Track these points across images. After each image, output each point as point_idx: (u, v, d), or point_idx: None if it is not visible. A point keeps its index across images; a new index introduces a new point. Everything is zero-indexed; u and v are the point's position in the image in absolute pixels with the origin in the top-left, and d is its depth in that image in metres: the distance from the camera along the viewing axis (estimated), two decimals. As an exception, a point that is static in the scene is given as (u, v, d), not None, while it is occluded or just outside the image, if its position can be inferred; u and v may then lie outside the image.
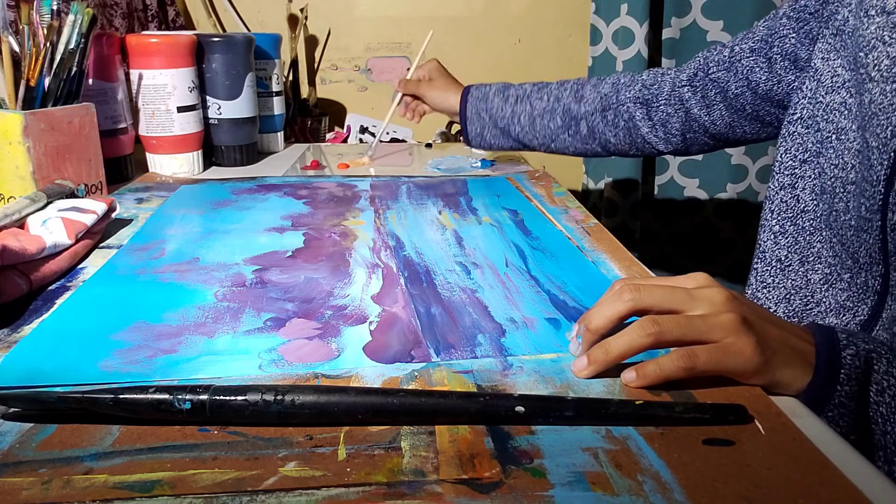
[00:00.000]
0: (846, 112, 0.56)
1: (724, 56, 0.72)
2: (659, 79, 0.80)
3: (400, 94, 0.99)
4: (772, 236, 0.61)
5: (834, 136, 0.56)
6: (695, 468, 0.32)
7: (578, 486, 0.31)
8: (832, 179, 0.55)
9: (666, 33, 1.36)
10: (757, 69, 0.67)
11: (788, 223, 0.60)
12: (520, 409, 0.35)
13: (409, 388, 0.39)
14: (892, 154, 0.49)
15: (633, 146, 0.83)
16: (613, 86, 0.83)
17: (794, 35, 0.63)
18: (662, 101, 0.78)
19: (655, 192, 1.52)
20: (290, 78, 1.30)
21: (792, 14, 0.64)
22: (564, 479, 0.31)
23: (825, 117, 0.58)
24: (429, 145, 1.16)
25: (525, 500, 0.30)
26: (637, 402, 0.36)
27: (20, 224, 0.58)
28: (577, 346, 0.41)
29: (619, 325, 0.40)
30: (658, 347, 0.39)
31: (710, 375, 0.38)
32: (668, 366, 0.38)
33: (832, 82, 0.58)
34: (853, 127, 0.54)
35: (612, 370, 0.40)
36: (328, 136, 1.31)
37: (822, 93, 0.58)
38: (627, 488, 0.31)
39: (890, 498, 0.30)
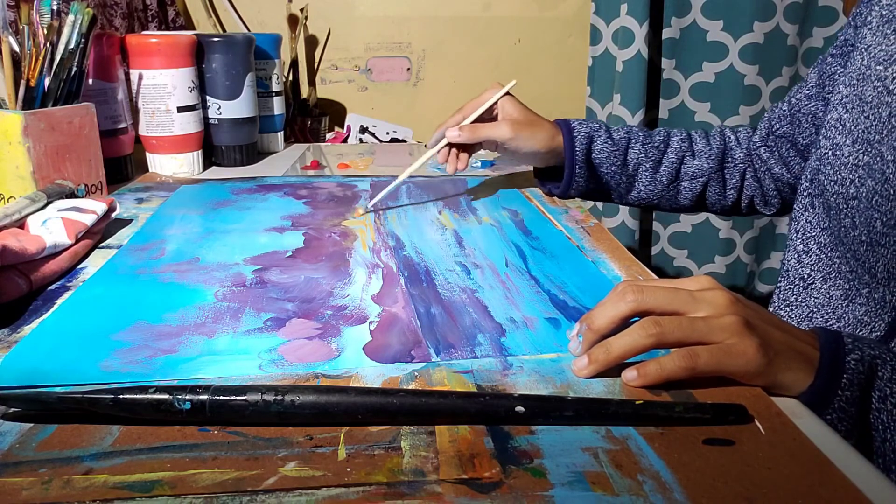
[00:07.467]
0: (840, 128, 0.56)
1: (784, 111, 0.72)
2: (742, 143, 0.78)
3: (445, 141, 0.77)
4: (795, 255, 0.61)
5: (830, 153, 0.56)
6: (695, 468, 0.32)
7: (578, 486, 0.31)
8: (834, 196, 0.55)
9: (666, 33, 1.35)
10: (819, 112, 0.67)
11: (812, 242, 0.60)
12: (520, 409, 0.35)
13: (409, 388, 0.39)
14: None
15: (740, 209, 0.81)
16: (724, 145, 0.79)
17: (842, 70, 0.63)
18: (749, 164, 0.77)
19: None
20: (290, 78, 1.30)
21: (836, 52, 0.64)
22: (564, 479, 0.31)
23: (825, 134, 0.58)
24: (429, 145, 1.16)
25: (525, 500, 0.30)
26: (637, 402, 0.36)
27: (20, 224, 0.58)
28: (578, 345, 0.42)
29: (622, 325, 0.40)
30: (659, 348, 0.39)
31: (711, 376, 0.38)
32: (670, 365, 0.38)
33: (832, 100, 0.58)
34: (846, 142, 0.55)
35: (613, 370, 0.40)
36: (328, 136, 1.31)
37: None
38: (627, 488, 0.31)
39: (890, 498, 0.30)
